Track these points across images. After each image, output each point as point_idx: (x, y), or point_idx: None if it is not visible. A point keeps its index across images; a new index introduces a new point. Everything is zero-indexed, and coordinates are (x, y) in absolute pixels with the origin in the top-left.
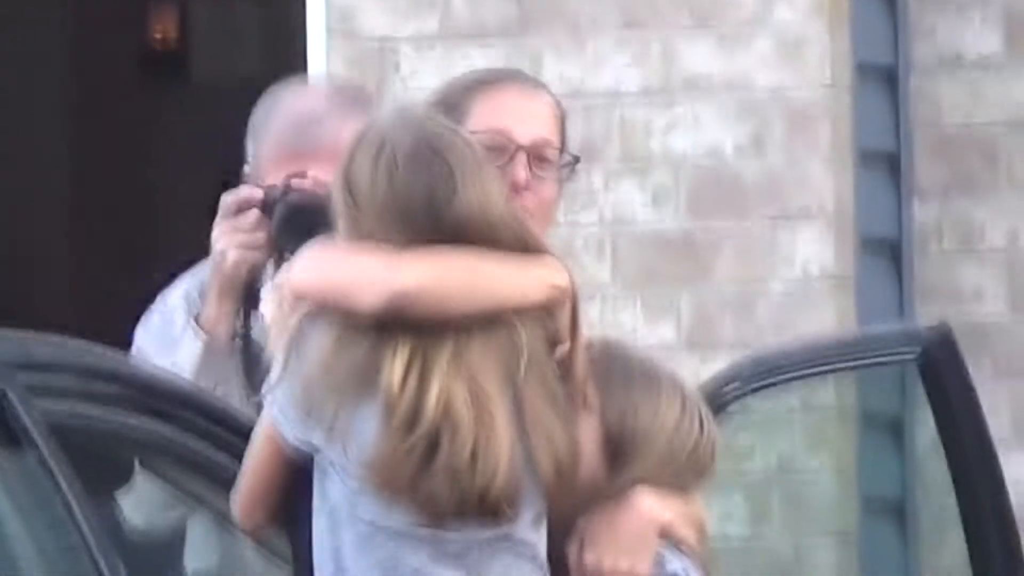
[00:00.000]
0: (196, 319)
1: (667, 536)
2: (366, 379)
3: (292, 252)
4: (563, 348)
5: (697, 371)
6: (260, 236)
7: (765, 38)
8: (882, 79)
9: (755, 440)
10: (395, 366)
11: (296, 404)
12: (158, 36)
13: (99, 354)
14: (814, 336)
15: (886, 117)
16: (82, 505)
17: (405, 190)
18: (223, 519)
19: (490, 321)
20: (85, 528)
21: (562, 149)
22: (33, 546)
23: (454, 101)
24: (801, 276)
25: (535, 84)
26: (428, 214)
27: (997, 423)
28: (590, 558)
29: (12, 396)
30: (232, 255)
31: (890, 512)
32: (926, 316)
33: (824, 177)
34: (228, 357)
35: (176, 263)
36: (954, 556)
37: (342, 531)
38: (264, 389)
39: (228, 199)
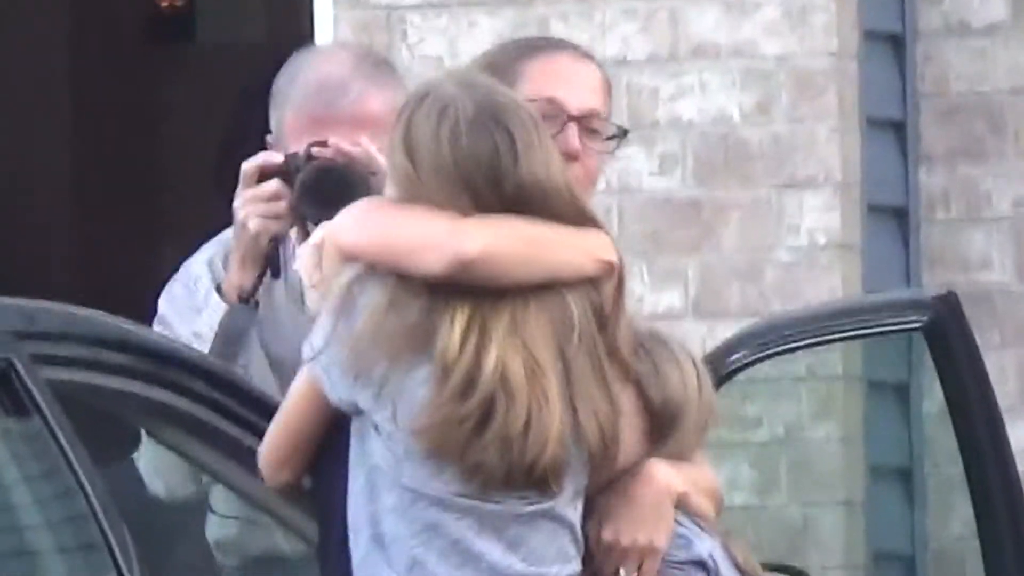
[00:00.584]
0: (218, 288)
1: (683, 507)
2: (419, 343)
3: (314, 220)
4: (610, 319)
5: (704, 339)
6: (281, 205)
7: (772, 5)
8: (889, 46)
9: (762, 408)
10: (453, 332)
11: (343, 365)
12: (164, 0)
13: (105, 322)
14: (821, 304)
15: (893, 84)
16: (88, 473)
17: (469, 156)
18: (229, 488)
19: (544, 292)
20: (92, 496)
21: (608, 119)
22: (39, 515)
23: (504, 66)
24: (808, 243)
25: (585, 53)
26: (490, 181)
27: (1003, 390)
28: (607, 534)
29: (18, 365)
30: (253, 224)
31: (897, 479)
32: (932, 284)
33: (831, 144)
34: (250, 324)
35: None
36: (961, 523)
37: (382, 495)
38: (305, 349)
39: (248, 167)
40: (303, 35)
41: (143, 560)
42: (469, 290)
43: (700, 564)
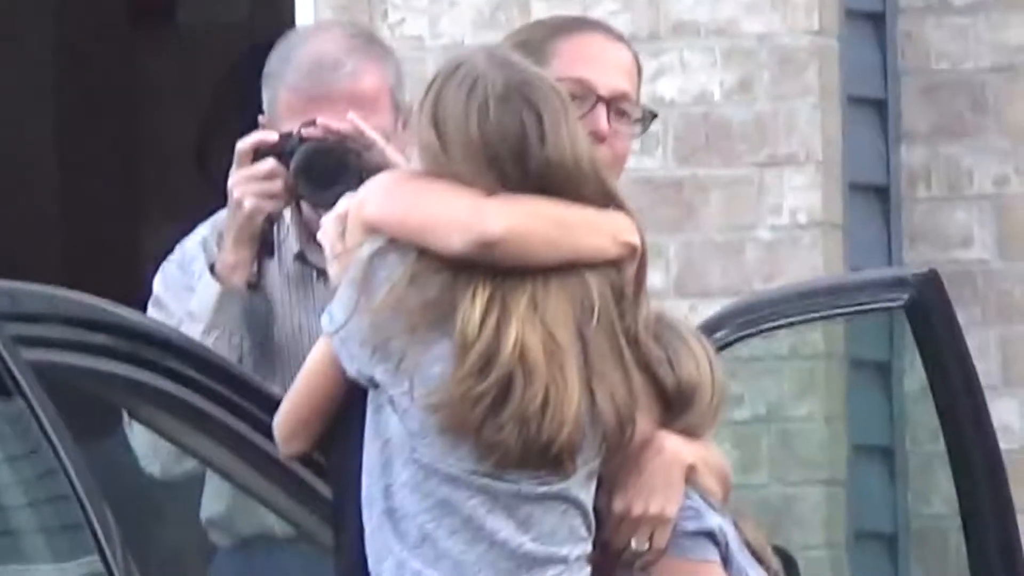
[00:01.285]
0: (212, 268)
1: (691, 482)
2: (439, 319)
3: (310, 199)
4: (630, 302)
5: (686, 318)
6: (276, 184)
7: None
8: (870, 24)
9: (744, 387)
10: (474, 309)
11: (361, 337)
12: None
13: (87, 304)
14: (802, 282)
15: (874, 62)
16: (71, 455)
17: (496, 132)
18: (213, 469)
19: (565, 272)
20: (74, 477)
21: (637, 102)
22: (22, 495)
23: (536, 45)
24: (789, 222)
25: (618, 36)
26: (516, 158)
27: (985, 368)
28: (618, 505)
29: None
30: (248, 203)
31: (879, 458)
32: (914, 261)
33: (812, 123)
34: (244, 305)
35: (163, 206)
36: (943, 501)
37: (396, 469)
38: (324, 320)
39: (243, 146)
40: (283, 15)
41: (126, 540)
42: (491, 268)
43: (710, 536)
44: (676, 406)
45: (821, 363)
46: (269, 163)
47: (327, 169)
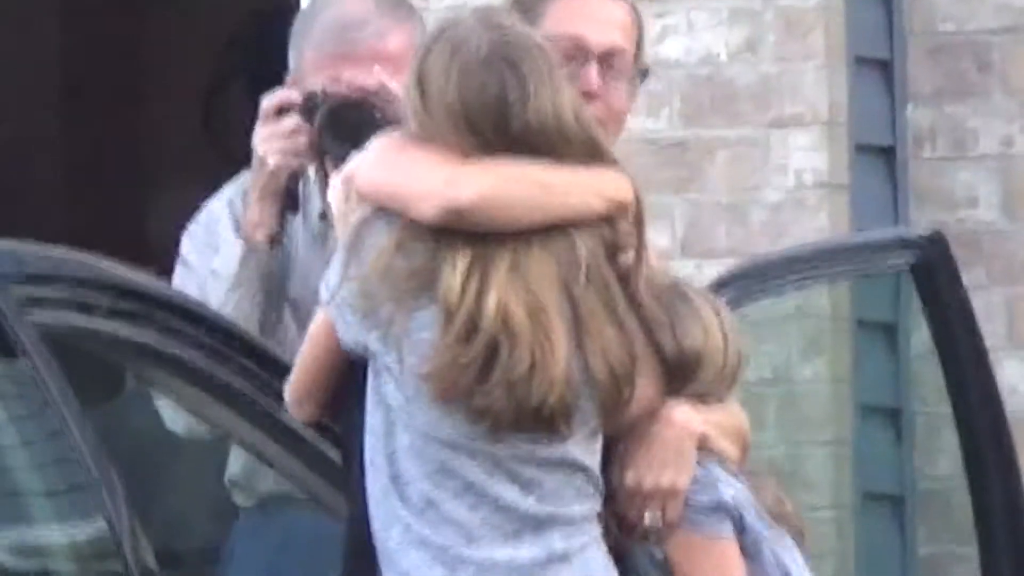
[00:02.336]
0: (237, 224)
1: (705, 448)
2: (424, 286)
3: (335, 156)
4: (626, 258)
5: (692, 279)
6: (301, 141)
7: None
8: None
9: (750, 348)
10: (454, 275)
11: (352, 305)
12: None
13: (95, 265)
14: (808, 243)
15: (880, 23)
16: (76, 417)
17: (477, 96)
18: (221, 431)
19: (549, 232)
20: (79, 440)
21: (637, 58)
22: (28, 458)
23: (531, 4)
24: (795, 183)
25: None
26: (498, 121)
27: (990, 330)
28: (630, 479)
29: (5, 308)
30: (272, 160)
31: (885, 419)
32: (920, 222)
33: (818, 84)
34: (268, 262)
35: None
36: (949, 462)
37: (397, 435)
38: (322, 288)
39: (267, 104)
40: None
41: (132, 502)
42: (471, 234)
43: (724, 508)
44: (679, 373)
45: (827, 324)
46: (293, 120)
47: (351, 125)
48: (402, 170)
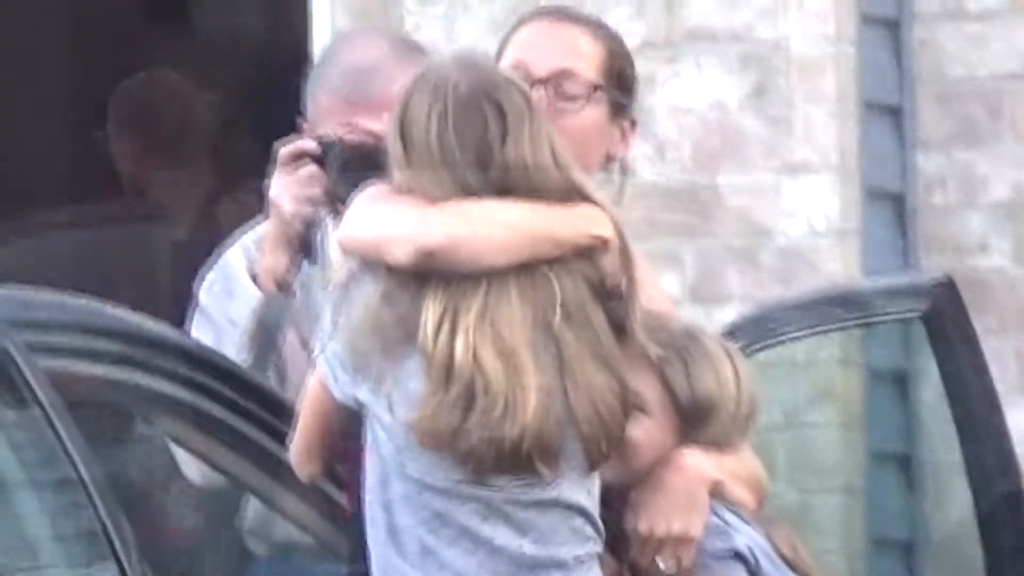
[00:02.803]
0: (253, 273)
1: (719, 495)
2: (411, 334)
3: (350, 203)
4: (616, 297)
5: (702, 324)
6: (316, 189)
7: None
8: (886, 30)
9: (760, 394)
10: (429, 321)
11: (343, 360)
12: None
13: (101, 312)
14: (819, 290)
15: (890, 68)
16: (86, 462)
17: (456, 140)
18: (228, 478)
19: (525, 271)
20: (89, 485)
21: (616, 87)
22: (37, 503)
23: (502, 41)
24: (805, 229)
25: (572, 17)
26: (477, 164)
27: (1002, 376)
28: (642, 525)
29: (14, 354)
30: (287, 208)
31: (896, 466)
32: (930, 269)
33: (828, 129)
34: (283, 309)
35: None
36: (960, 509)
37: (392, 485)
38: (314, 343)
39: (283, 151)
40: (299, 21)
41: (141, 548)
42: (444, 278)
43: (738, 555)
44: (693, 420)
45: (838, 370)
46: (309, 167)
47: (366, 172)
48: (378, 220)
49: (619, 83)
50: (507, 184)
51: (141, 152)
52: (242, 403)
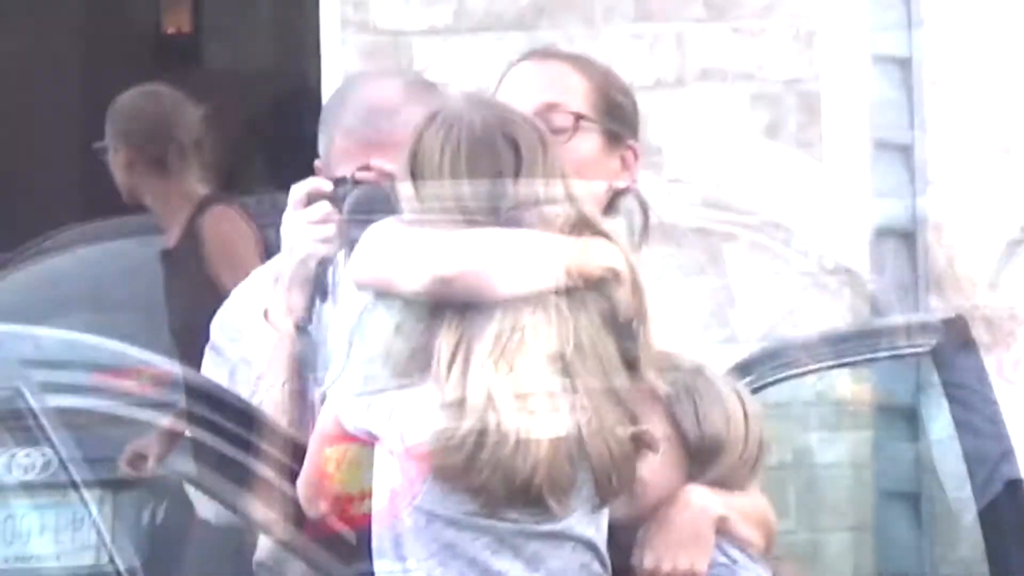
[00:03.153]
0: (266, 312)
1: (726, 533)
2: (424, 366)
3: None
4: (628, 329)
5: (712, 363)
6: (330, 228)
7: (779, 29)
8: (896, 69)
9: (770, 432)
10: (443, 353)
11: (356, 392)
12: (171, 25)
13: (111, 350)
14: (829, 328)
15: (900, 107)
16: (98, 500)
17: (469, 171)
18: (237, 515)
19: (538, 304)
20: (100, 523)
21: (607, 120)
22: (51, 542)
23: (496, 85)
24: (816, 267)
25: (557, 55)
26: (489, 194)
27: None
28: (648, 562)
29: (26, 392)
30: (301, 247)
31: (906, 504)
32: (940, 307)
33: (838, 167)
34: (296, 349)
35: None
36: (970, 548)
37: (402, 517)
38: (327, 379)
39: (297, 192)
40: (310, 60)
41: None
42: (459, 310)
43: None
44: (701, 458)
45: (847, 408)
46: (323, 207)
47: (380, 213)
48: (392, 251)
49: (612, 113)
50: (520, 217)
51: (133, 163)
52: (255, 441)
